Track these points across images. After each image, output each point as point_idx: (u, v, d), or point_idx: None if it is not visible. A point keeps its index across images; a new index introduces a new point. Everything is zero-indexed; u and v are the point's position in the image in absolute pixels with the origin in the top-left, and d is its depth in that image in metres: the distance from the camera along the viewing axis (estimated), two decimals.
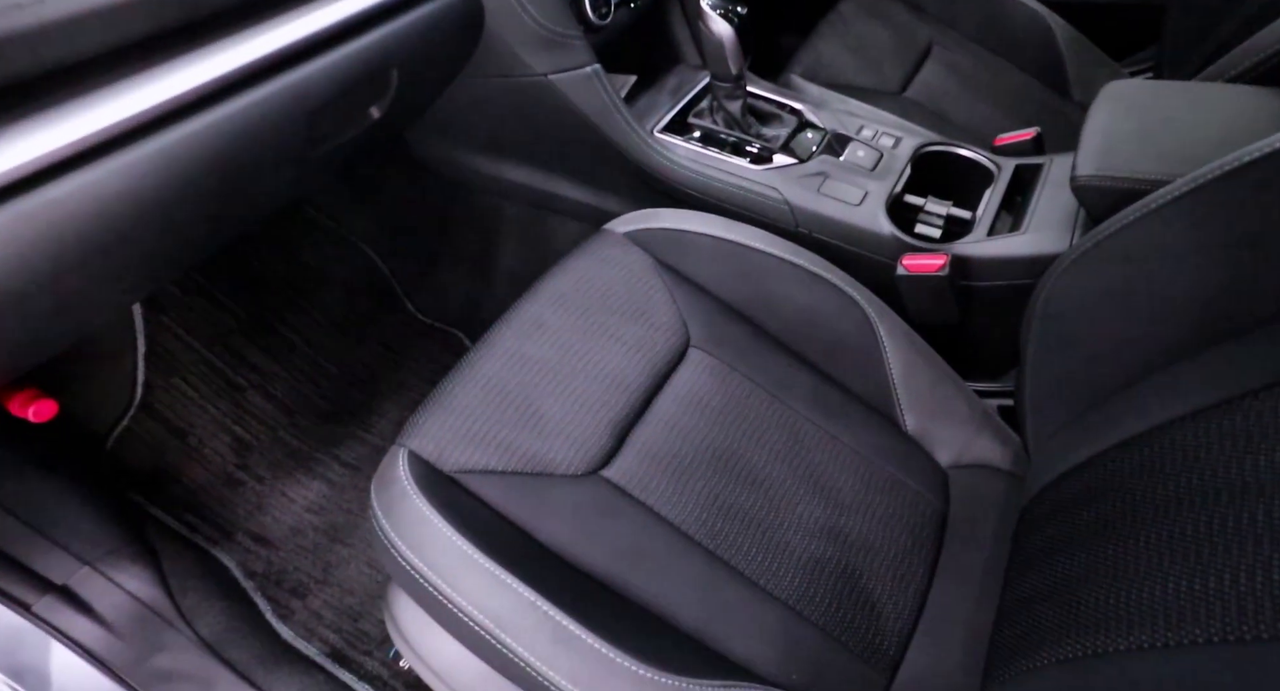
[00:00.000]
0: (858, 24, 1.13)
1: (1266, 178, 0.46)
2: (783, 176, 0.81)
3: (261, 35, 0.54)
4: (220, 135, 0.52)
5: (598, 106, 0.80)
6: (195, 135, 0.50)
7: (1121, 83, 0.69)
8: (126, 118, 0.46)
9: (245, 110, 0.53)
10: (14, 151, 0.42)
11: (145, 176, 0.48)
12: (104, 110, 0.46)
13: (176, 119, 0.49)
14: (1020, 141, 0.83)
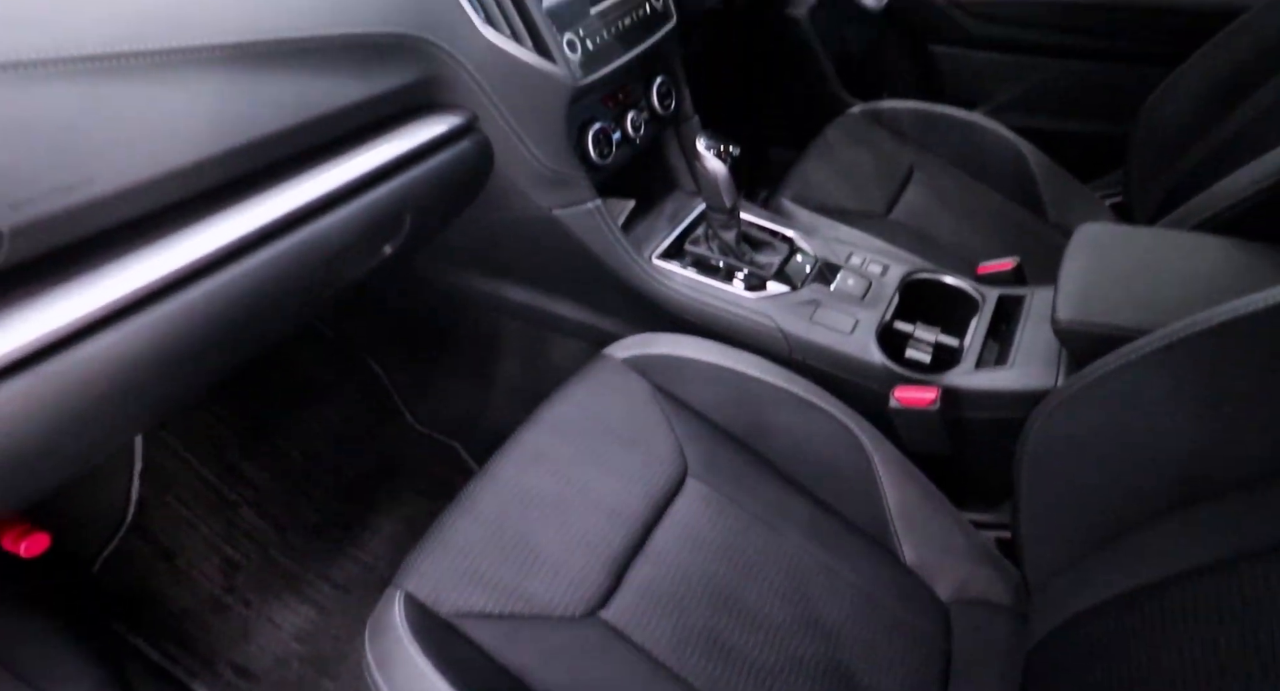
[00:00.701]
0: (843, 148, 1.19)
1: (1238, 339, 0.48)
2: (776, 304, 0.84)
3: (286, 192, 0.58)
4: (243, 289, 0.54)
5: (598, 238, 0.83)
6: (219, 291, 0.52)
7: (1094, 226, 0.73)
8: (151, 281, 0.48)
9: (268, 263, 0.56)
10: (45, 316, 0.44)
11: (168, 335, 0.50)
12: (133, 272, 0.48)
13: (201, 276, 0.52)
14: (1002, 271, 0.87)
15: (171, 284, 0.50)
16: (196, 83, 0.50)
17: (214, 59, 0.51)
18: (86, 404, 0.46)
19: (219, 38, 0.51)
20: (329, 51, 0.58)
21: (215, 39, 0.51)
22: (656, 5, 0.85)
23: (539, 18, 0.70)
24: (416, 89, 0.67)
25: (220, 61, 0.51)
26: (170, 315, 0.50)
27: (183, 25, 0.50)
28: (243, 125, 0.53)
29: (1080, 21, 1.23)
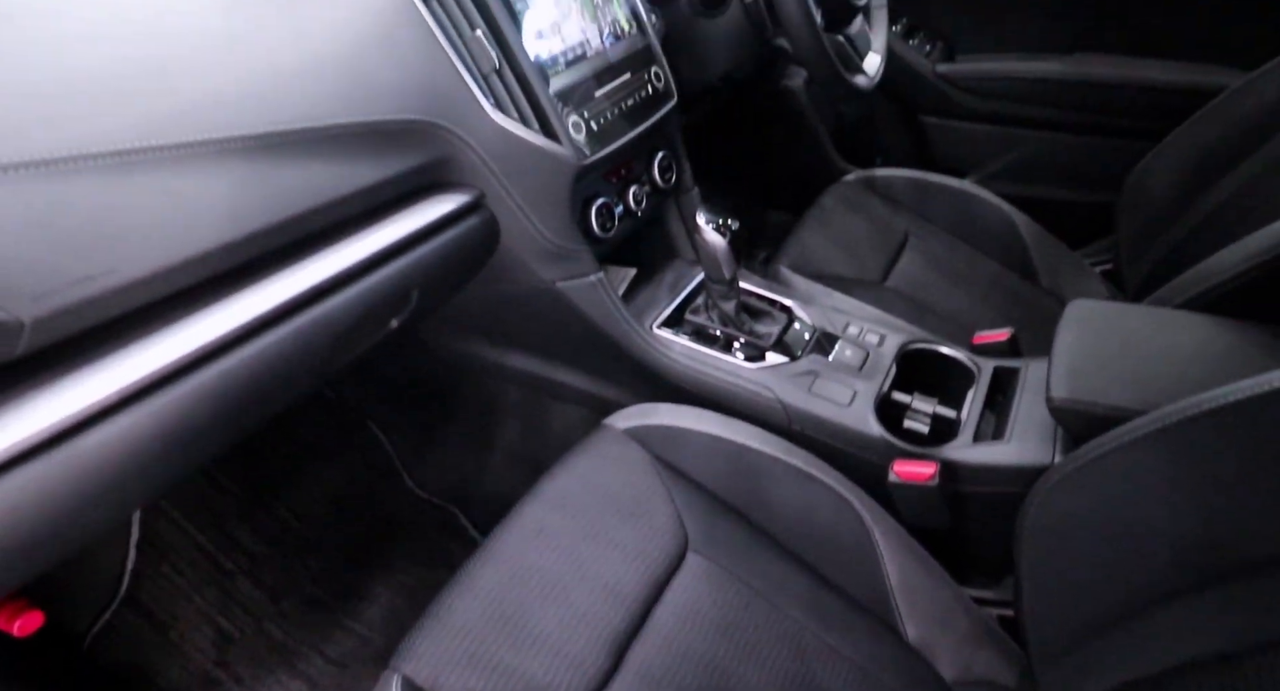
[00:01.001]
0: (839, 215, 1.22)
1: (1229, 425, 0.49)
2: (775, 375, 0.85)
3: (296, 273, 0.59)
4: (253, 370, 0.55)
5: (600, 309, 0.85)
6: (229, 373, 0.53)
7: (1085, 303, 0.75)
8: (163, 366, 0.49)
9: (278, 344, 0.57)
10: (57, 404, 0.45)
11: (178, 417, 0.50)
12: (145, 357, 0.49)
13: (212, 359, 0.52)
14: (997, 342, 0.88)
15: (182, 368, 0.51)
16: (216, 172, 0.52)
17: (235, 149, 0.53)
18: (95, 490, 0.47)
19: (241, 129, 0.53)
20: (345, 138, 0.61)
21: (237, 131, 0.53)
22: (658, 85, 0.88)
23: (546, 102, 0.73)
24: (427, 170, 0.69)
25: (240, 151, 0.53)
26: (180, 398, 0.50)
27: (207, 118, 0.52)
28: (259, 211, 0.55)
29: (1064, 97, 1.28)
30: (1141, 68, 1.22)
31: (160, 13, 0.57)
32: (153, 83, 0.51)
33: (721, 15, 0.97)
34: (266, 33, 0.59)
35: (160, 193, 0.49)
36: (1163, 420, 0.51)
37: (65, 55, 0.50)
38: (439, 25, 0.66)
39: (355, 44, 0.62)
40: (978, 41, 1.33)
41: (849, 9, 0.94)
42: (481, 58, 0.68)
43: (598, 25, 0.81)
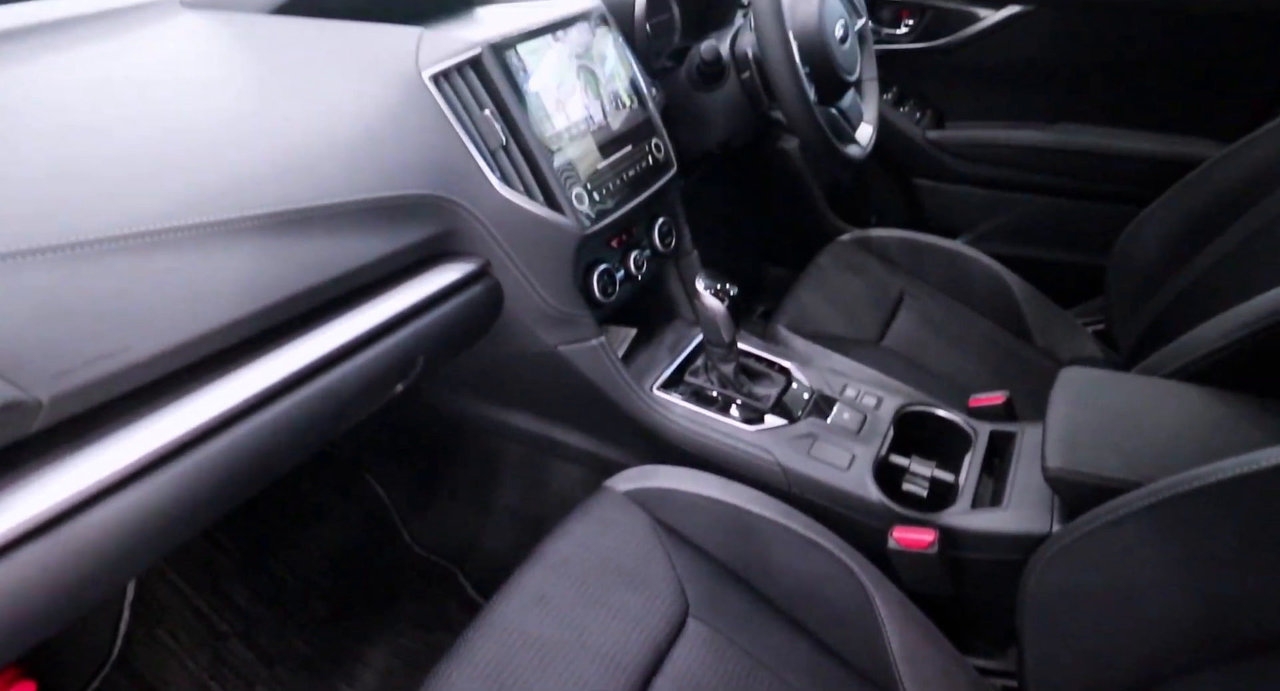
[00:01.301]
0: (835, 275, 1.25)
1: (1218, 504, 0.50)
2: (774, 437, 0.86)
3: (305, 344, 0.60)
4: (261, 440, 0.56)
5: (601, 372, 0.86)
6: (236, 444, 0.54)
7: (1077, 371, 0.76)
8: (171, 440, 0.50)
9: (285, 413, 0.58)
10: (66, 481, 0.46)
11: (185, 490, 0.51)
12: (154, 431, 0.50)
13: (220, 431, 0.54)
14: (993, 405, 0.89)
15: (189, 441, 0.52)
16: (235, 249, 0.54)
17: (254, 227, 0.55)
18: (98, 567, 0.47)
19: (260, 208, 0.55)
20: (359, 213, 0.63)
21: (257, 210, 0.55)
22: (659, 155, 0.92)
23: (550, 175, 0.75)
24: (435, 240, 0.71)
25: (259, 229, 0.56)
26: (186, 472, 0.51)
27: (227, 199, 0.54)
28: (275, 285, 0.57)
29: (1052, 163, 1.32)
30: (1123, 138, 1.27)
31: (185, 99, 0.60)
32: (175, 166, 0.53)
33: (719, 88, 1.01)
34: (286, 116, 0.62)
35: (178, 271, 0.51)
36: (1155, 495, 0.52)
37: (92, 141, 0.52)
38: (450, 106, 0.69)
39: (371, 125, 0.65)
40: (966, 110, 1.38)
41: (841, 84, 0.98)
42: (490, 135, 0.71)
43: (600, 101, 0.84)
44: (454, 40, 0.70)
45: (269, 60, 0.68)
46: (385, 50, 0.69)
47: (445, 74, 0.69)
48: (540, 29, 0.77)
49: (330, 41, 0.70)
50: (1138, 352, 1.05)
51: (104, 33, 0.68)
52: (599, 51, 0.85)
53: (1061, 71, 1.27)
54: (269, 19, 0.72)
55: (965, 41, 1.28)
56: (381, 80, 0.67)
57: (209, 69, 0.66)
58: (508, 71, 0.73)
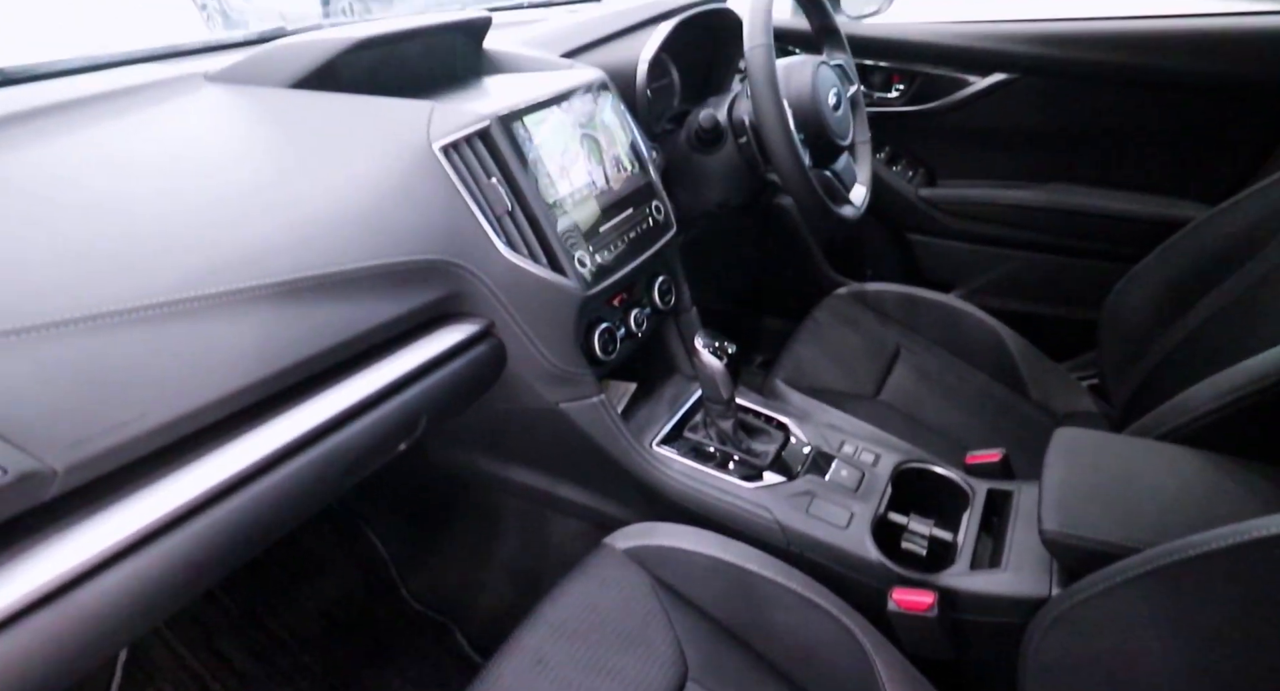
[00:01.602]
0: (832, 329, 1.27)
1: (1214, 572, 0.50)
2: (773, 495, 0.87)
3: (311, 407, 0.62)
4: (263, 504, 0.57)
5: (601, 429, 0.87)
6: (243, 507, 0.55)
7: (1071, 432, 0.77)
8: (178, 506, 0.51)
9: (291, 476, 0.59)
10: (74, 548, 0.46)
11: (191, 555, 0.52)
12: (162, 497, 0.51)
13: (227, 495, 0.54)
14: (989, 462, 0.90)
15: (194, 508, 0.52)
16: (249, 316, 0.56)
17: (268, 295, 0.57)
18: (103, 631, 0.47)
19: (276, 276, 0.57)
20: (368, 278, 0.65)
21: (272, 278, 0.57)
22: (659, 217, 0.95)
23: (554, 239, 0.78)
24: (441, 303, 0.73)
25: (273, 296, 0.57)
26: (190, 538, 0.52)
27: (245, 268, 0.56)
28: (287, 350, 0.58)
29: (1042, 222, 1.36)
30: (1111, 198, 1.31)
31: (205, 172, 0.63)
32: (195, 238, 0.56)
33: (718, 151, 1.04)
34: (303, 187, 0.64)
35: (195, 339, 0.52)
36: (1151, 562, 0.53)
37: (114, 215, 0.54)
38: (458, 175, 0.72)
39: (384, 194, 0.68)
40: (957, 169, 1.42)
41: (835, 148, 1.01)
42: (496, 202, 0.74)
43: (603, 166, 0.87)
44: (463, 113, 0.73)
45: (288, 133, 0.71)
46: (399, 123, 0.72)
47: (454, 145, 0.72)
48: (545, 101, 0.81)
49: (346, 115, 0.73)
50: (1132, 408, 1.06)
51: (131, 107, 0.71)
52: (601, 119, 0.89)
53: (1048, 135, 1.32)
54: (288, 93, 0.76)
55: (954, 105, 1.33)
56: (394, 152, 0.70)
57: (229, 142, 0.69)
58: (514, 141, 0.76)
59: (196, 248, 0.55)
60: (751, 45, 0.87)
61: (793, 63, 0.99)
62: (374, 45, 0.79)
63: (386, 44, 0.82)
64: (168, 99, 0.73)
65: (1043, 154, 1.34)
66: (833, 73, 1.03)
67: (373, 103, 0.74)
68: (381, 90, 0.76)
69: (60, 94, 0.69)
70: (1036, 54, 1.22)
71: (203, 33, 1.24)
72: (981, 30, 1.26)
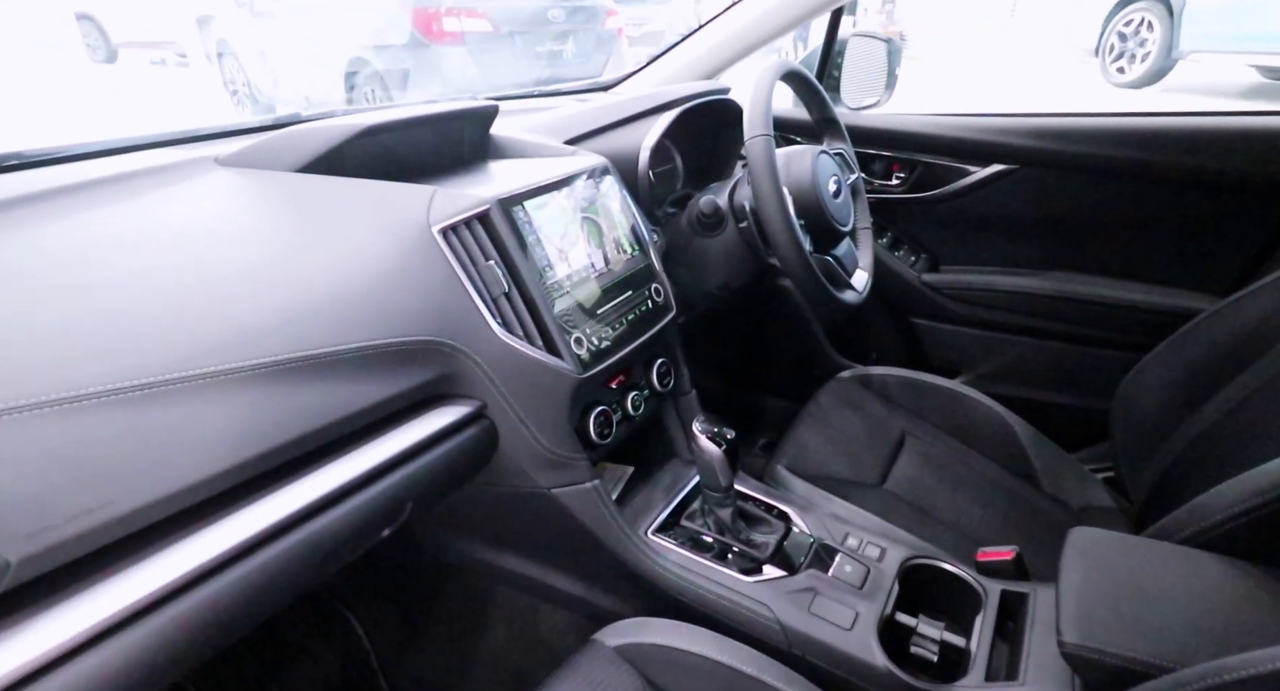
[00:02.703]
0: (835, 414, 1.24)
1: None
2: (773, 590, 0.82)
3: (291, 491, 0.60)
4: (234, 594, 0.54)
5: (595, 516, 0.84)
6: (207, 601, 0.52)
7: (1088, 533, 0.74)
8: (142, 597, 0.48)
9: (266, 564, 0.56)
10: (31, 642, 0.43)
11: (150, 651, 0.49)
12: (126, 587, 0.48)
13: (195, 586, 0.52)
14: (1002, 561, 0.86)
15: (160, 599, 0.50)
16: (232, 398, 0.55)
17: (253, 375, 0.56)
18: None
19: (263, 356, 0.56)
20: (359, 358, 0.64)
21: (258, 358, 0.56)
22: (658, 299, 0.94)
23: (550, 321, 0.77)
24: (433, 384, 0.72)
25: (258, 377, 0.56)
26: (157, 631, 0.49)
27: (231, 348, 0.55)
28: (269, 433, 0.57)
29: (1048, 309, 1.35)
30: (1116, 288, 1.30)
31: (203, 252, 0.63)
32: (183, 318, 0.55)
33: (718, 235, 1.05)
34: (300, 267, 0.65)
35: (169, 422, 0.51)
36: (1185, 687, 0.48)
37: (102, 296, 0.54)
38: (456, 257, 0.72)
39: (380, 275, 0.68)
40: (960, 255, 1.43)
41: (835, 234, 1.02)
42: (493, 284, 0.74)
43: (603, 249, 0.88)
44: (464, 197, 0.74)
45: (291, 215, 0.72)
46: (400, 206, 0.73)
47: (454, 228, 0.72)
48: (547, 185, 0.82)
49: (350, 198, 0.74)
50: (1151, 505, 1.02)
51: (141, 189, 0.73)
52: (602, 202, 0.90)
53: (1049, 224, 1.33)
54: (296, 177, 0.77)
55: (954, 193, 1.35)
56: (395, 234, 0.70)
57: (232, 224, 0.70)
58: (513, 224, 0.77)
59: (183, 328, 0.54)
60: (752, 135, 0.89)
61: (793, 152, 1.01)
62: (382, 132, 0.81)
63: (394, 131, 0.84)
64: (178, 182, 0.75)
65: (1044, 242, 1.35)
66: (833, 161, 1.05)
67: (377, 187, 0.75)
68: (389, 174, 0.77)
69: (74, 176, 0.71)
70: (1034, 147, 1.25)
71: (232, 115, 1.28)
72: (979, 124, 1.29)
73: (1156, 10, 5.08)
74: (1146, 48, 5.18)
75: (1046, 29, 6.84)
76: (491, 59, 4.00)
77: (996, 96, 5.84)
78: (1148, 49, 5.18)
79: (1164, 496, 0.99)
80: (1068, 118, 1.24)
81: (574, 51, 4.31)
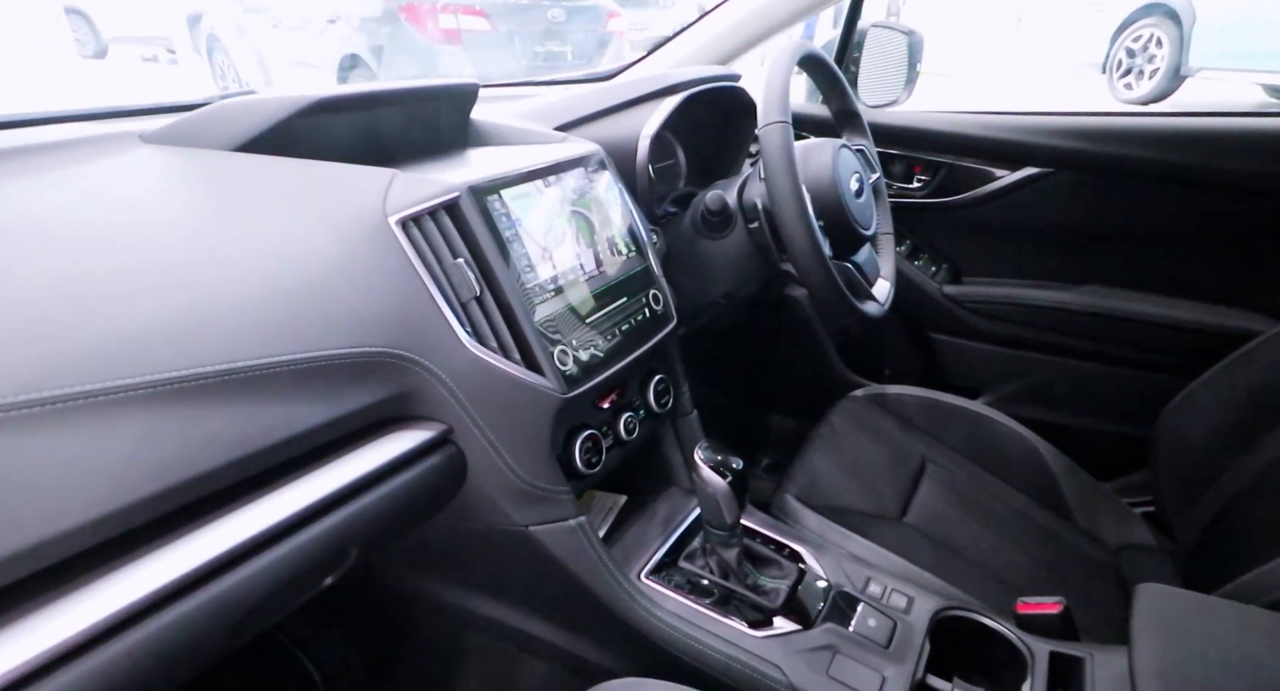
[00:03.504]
0: (849, 437, 1.13)
1: None
2: (785, 648, 0.71)
3: (207, 536, 0.48)
4: (137, 659, 0.43)
5: (580, 558, 0.73)
6: (101, 669, 0.41)
7: (1159, 590, 0.62)
8: (17, 666, 0.37)
9: (175, 624, 0.45)
10: None
11: None
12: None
13: (83, 652, 0.41)
14: (1047, 615, 0.74)
15: (44, 666, 0.39)
16: (115, 426, 0.43)
17: (141, 397, 0.44)
18: None
19: (153, 373, 0.45)
20: (290, 374, 0.52)
21: (147, 375, 0.45)
22: (656, 307, 0.83)
23: (529, 331, 0.66)
24: (386, 405, 0.60)
25: (149, 399, 0.45)
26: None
27: (111, 362, 0.44)
28: (165, 469, 0.45)
29: (1082, 327, 1.24)
30: (1157, 304, 1.19)
31: (99, 242, 0.52)
32: (53, 324, 0.44)
33: (725, 237, 0.94)
34: (216, 262, 0.53)
35: (27, 458, 0.40)
36: None
37: None
38: (418, 254, 0.61)
39: (322, 272, 0.56)
40: (984, 266, 1.32)
41: (857, 238, 0.91)
42: (461, 286, 0.62)
43: (594, 249, 0.76)
44: (429, 183, 0.63)
45: (218, 200, 0.61)
46: (351, 192, 0.62)
47: (415, 218, 0.61)
48: (529, 173, 0.71)
49: (291, 182, 0.63)
50: (1203, 549, 0.91)
51: (46, 166, 0.61)
52: (595, 196, 0.79)
53: (1085, 233, 1.22)
54: (230, 157, 0.66)
55: (981, 198, 1.24)
56: (343, 224, 0.59)
57: (143, 208, 0.58)
58: (488, 217, 0.65)
59: (52, 337, 0.43)
60: (767, 122, 0.78)
61: (811, 144, 0.90)
62: (339, 109, 0.70)
63: (355, 109, 0.73)
64: (88, 159, 0.63)
65: (1079, 253, 1.24)
66: (853, 157, 0.94)
67: (324, 169, 0.64)
68: (350, 161, 0.66)
69: None
70: (1072, 148, 1.14)
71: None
72: (1012, 123, 1.18)
73: (1165, 27, 5.00)
74: (1155, 64, 5.10)
75: (1050, 42, 6.78)
76: (489, 58, 3.90)
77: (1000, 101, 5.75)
78: (1156, 66, 5.10)
79: (1218, 542, 0.88)
80: (1111, 117, 1.13)
81: (574, 53, 4.21)
